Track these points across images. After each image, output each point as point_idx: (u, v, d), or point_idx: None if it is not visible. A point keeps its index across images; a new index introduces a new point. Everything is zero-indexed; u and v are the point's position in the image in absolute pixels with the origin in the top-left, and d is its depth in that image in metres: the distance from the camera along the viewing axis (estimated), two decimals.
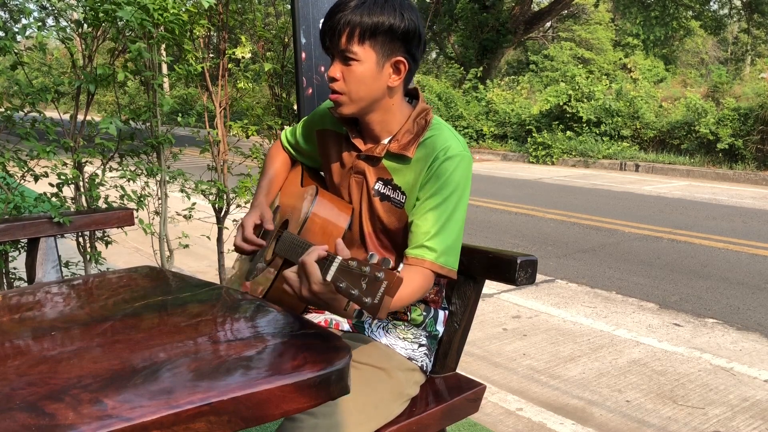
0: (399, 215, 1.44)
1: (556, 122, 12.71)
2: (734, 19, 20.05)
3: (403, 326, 1.51)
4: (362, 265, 1.03)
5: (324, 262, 1.11)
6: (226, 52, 3.07)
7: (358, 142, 1.48)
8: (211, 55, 3.20)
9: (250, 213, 1.58)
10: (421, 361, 1.52)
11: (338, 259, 1.07)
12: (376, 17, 1.32)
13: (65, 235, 2.01)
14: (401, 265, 1.03)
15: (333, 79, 1.37)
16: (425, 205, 1.39)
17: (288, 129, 1.74)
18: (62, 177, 2.47)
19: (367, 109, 1.41)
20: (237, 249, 1.57)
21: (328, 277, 1.08)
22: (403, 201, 1.43)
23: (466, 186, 1.42)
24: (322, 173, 1.69)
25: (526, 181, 9.73)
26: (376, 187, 1.45)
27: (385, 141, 1.46)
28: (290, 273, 1.17)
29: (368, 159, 1.46)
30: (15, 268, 2.57)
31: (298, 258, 1.33)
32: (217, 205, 3.15)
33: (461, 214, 1.41)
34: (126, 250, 4.82)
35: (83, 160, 2.59)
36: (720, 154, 10.65)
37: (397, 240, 1.47)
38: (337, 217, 1.45)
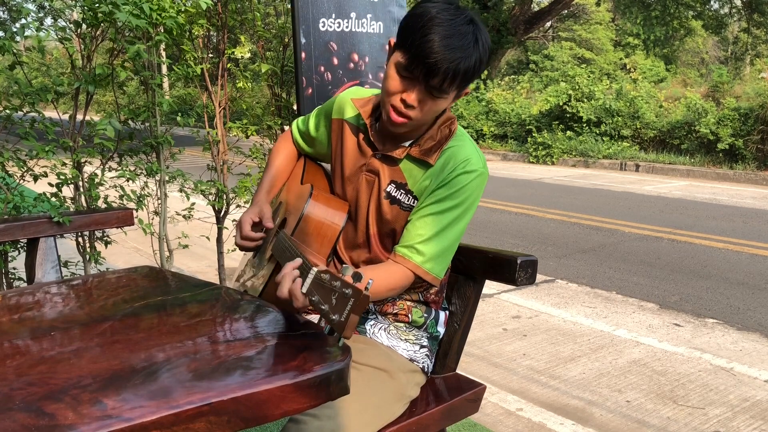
0: (406, 219, 1.43)
1: (556, 122, 12.71)
2: (734, 19, 20.05)
3: (404, 328, 1.51)
4: (333, 280, 1.01)
5: (302, 272, 1.12)
6: (226, 52, 3.07)
7: (377, 140, 1.45)
8: (210, 55, 3.20)
9: (248, 210, 1.57)
10: (423, 363, 1.52)
11: (314, 271, 1.06)
12: (479, 62, 1.30)
13: (65, 235, 2.01)
14: (370, 282, 1.01)
15: (410, 106, 1.32)
16: (428, 208, 1.39)
17: (300, 118, 1.71)
18: (61, 177, 2.46)
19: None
20: (238, 246, 1.57)
21: (303, 290, 1.07)
22: (413, 205, 1.42)
23: (475, 202, 1.42)
24: (325, 165, 1.67)
25: (526, 181, 9.73)
26: (388, 189, 1.43)
27: (406, 144, 1.44)
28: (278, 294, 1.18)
29: (385, 159, 1.44)
30: (14, 268, 2.57)
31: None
32: (216, 206, 3.15)
33: (460, 228, 1.41)
34: (126, 250, 4.82)
35: (82, 160, 2.59)
36: (720, 154, 10.65)
37: None
38: (332, 217, 1.44)
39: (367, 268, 1.37)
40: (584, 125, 12.37)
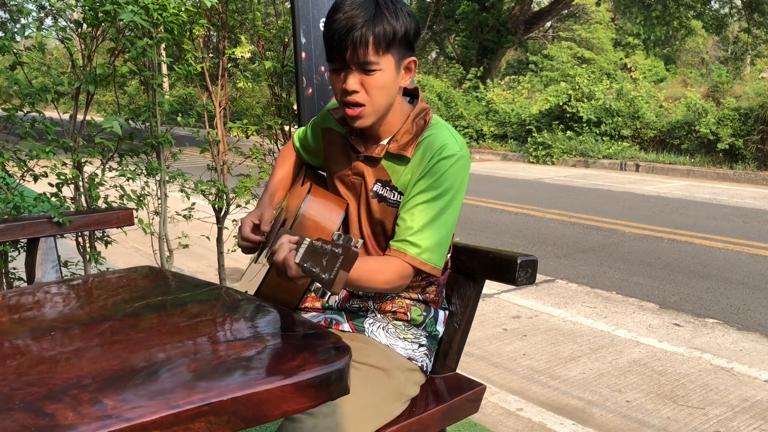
0: (395, 215, 1.44)
1: (556, 122, 12.71)
2: (734, 19, 20.04)
3: (403, 326, 1.51)
4: (325, 244, 1.05)
5: (297, 246, 1.15)
6: (226, 51, 3.07)
7: (358, 144, 1.47)
8: (210, 55, 3.20)
9: (251, 212, 1.59)
10: (421, 362, 1.52)
11: (306, 241, 1.09)
12: (394, 25, 1.32)
13: (65, 235, 2.01)
14: (360, 241, 1.04)
15: (353, 92, 1.35)
16: (414, 200, 1.39)
17: (301, 128, 1.75)
18: (62, 177, 2.46)
19: (383, 116, 1.41)
20: (240, 247, 1.58)
21: (297, 260, 1.10)
22: (399, 201, 1.43)
23: (461, 186, 1.41)
24: (323, 173, 1.70)
25: (526, 181, 9.73)
26: (375, 189, 1.45)
27: (385, 141, 1.45)
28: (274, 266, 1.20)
29: (367, 160, 1.46)
30: (15, 268, 2.57)
31: None
32: (216, 205, 3.15)
33: (452, 214, 1.41)
34: (126, 250, 4.82)
35: (83, 160, 2.59)
36: (720, 154, 10.65)
37: None
38: (330, 213, 1.45)
39: (366, 258, 1.37)
40: (584, 125, 12.37)
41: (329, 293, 1.04)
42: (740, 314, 3.77)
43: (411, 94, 1.52)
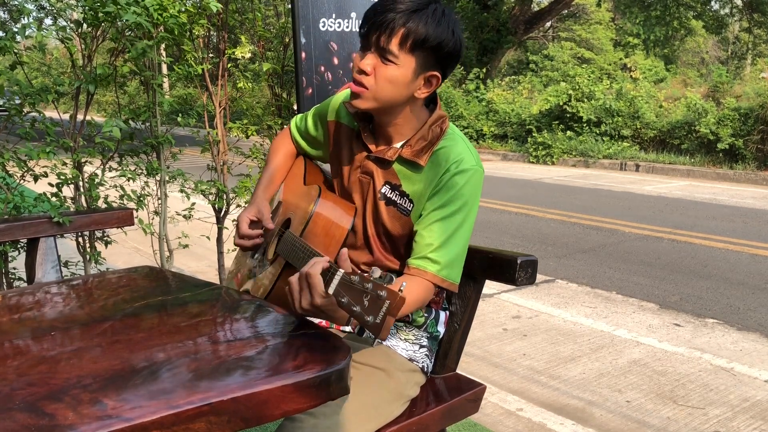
0: (404, 222, 1.42)
1: (556, 122, 12.70)
2: (735, 19, 20.05)
3: (404, 327, 1.51)
4: (365, 282, 1.01)
5: (326, 274, 1.10)
6: (226, 52, 3.07)
7: (369, 142, 1.45)
8: (210, 55, 3.20)
9: (247, 209, 1.58)
10: (422, 362, 1.52)
11: (340, 272, 1.05)
12: (431, 30, 1.28)
13: (65, 235, 2.01)
14: (403, 284, 1.01)
15: (363, 72, 1.32)
16: (431, 216, 1.37)
17: (298, 116, 1.70)
18: (62, 177, 2.46)
19: (384, 110, 1.38)
20: (237, 245, 1.57)
21: (330, 290, 1.07)
22: (410, 209, 1.41)
23: (476, 200, 1.40)
24: (324, 166, 1.68)
25: (526, 181, 9.73)
26: (383, 191, 1.43)
27: (398, 145, 1.43)
28: (294, 280, 1.16)
29: (378, 161, 1.44)
30: (15, 268, 2.57)
31: (299, 263, 1.33)
32: (216, 205, 3.15)
33: (468, 229, 1.40)
34: (126, 250, 4.82)
35: (83, 160, 2.59)
36: (720, 154, 10.65)
37: (400, 246, 1.46)
38: (340, 219, 1.44)
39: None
40: (584, 125, 12.37)
41: (375, 338, 1.00)
42: (740, 314, 3.77)
43: (429, 100, 1.49)
